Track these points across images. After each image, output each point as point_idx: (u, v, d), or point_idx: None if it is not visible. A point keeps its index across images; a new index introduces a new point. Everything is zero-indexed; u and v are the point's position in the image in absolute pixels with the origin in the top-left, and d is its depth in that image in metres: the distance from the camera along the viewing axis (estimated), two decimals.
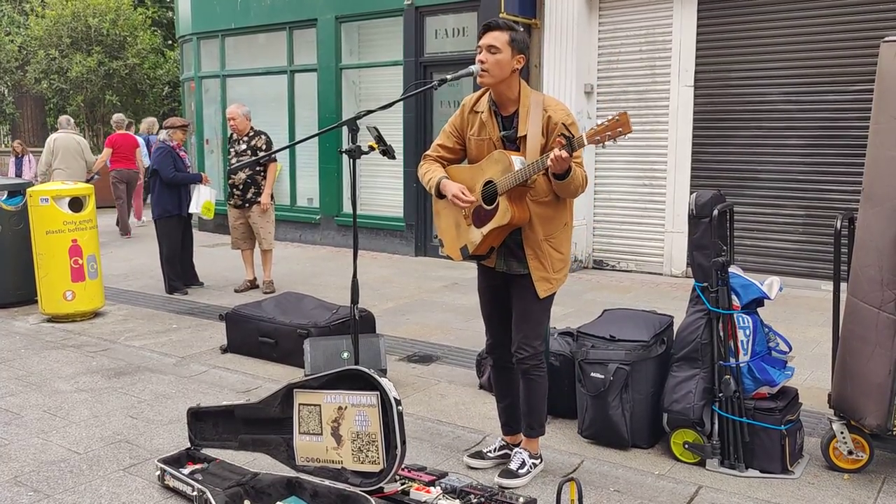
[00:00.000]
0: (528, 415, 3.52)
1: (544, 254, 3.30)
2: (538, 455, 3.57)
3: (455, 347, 5.63)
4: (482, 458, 3.66)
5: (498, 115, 3.33)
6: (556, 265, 3.33)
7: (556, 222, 3.31)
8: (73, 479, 3.56)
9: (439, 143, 3.50)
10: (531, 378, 3.45)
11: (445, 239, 3.50)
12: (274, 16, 11.06)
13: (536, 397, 3.48)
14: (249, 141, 7.47)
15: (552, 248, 3.32)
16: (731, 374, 3.53)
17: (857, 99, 7.16)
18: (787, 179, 7.67)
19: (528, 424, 3.54)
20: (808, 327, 6.11)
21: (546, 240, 3.30)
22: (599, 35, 8.64)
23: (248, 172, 7.42)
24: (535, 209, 3.26)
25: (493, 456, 3.66)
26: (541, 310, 3.41)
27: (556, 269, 3.34)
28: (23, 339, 6.03)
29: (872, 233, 3.38)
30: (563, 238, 3.36)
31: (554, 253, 3.32)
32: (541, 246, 3.29)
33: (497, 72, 3.21)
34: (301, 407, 3.21)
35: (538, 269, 3.31)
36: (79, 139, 10.90)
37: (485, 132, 3.34)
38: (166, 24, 23.31)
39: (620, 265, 8.73)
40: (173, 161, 7.50)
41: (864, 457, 3.51)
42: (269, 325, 5.37)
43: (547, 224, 3.29)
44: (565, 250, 3.38)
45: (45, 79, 19.10)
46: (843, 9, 7.26)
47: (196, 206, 7.66)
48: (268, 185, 7.46)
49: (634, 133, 8.36)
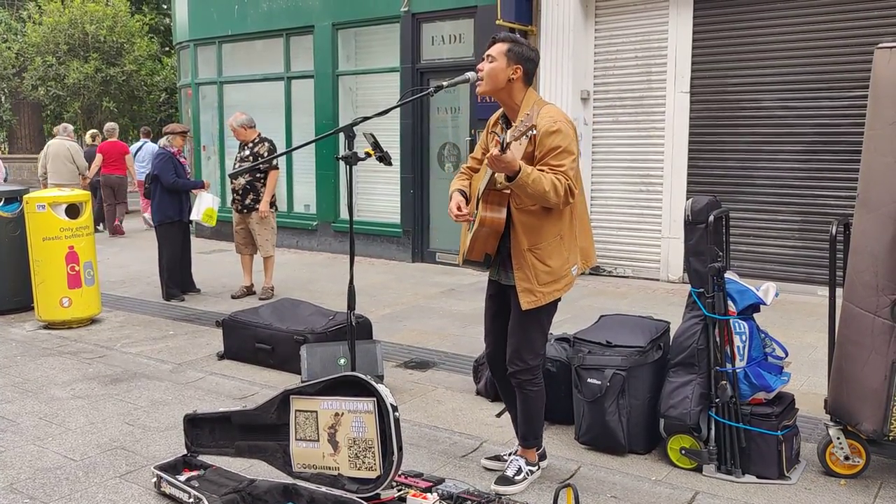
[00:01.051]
0: (524, 426, 3.51)
1: (528, 264, 3.23)
2: (535, 463, 3.56)
3: (452, 353, 5.62)
4: (500, 460, 3.66)
5: (507, 127, 3.38)
6: (541, 277, 3.23)
7: (543, 233, 3.23)
8: (70, 486, 3.55)
9: (472, 155, 3.64)
10: (525, 393, 3.43)
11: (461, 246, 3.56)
12: (271, 22, 11.08)
13: (531, 411, 3.46)
14: (253, 147, 7.50)
15: (536, 260, 3.23)
16: (728, 380, 3.53)
17: (852, 105, 7.19)
18: (783, 185, 7.69)
19: (523, 436, 3.53)
20: (804, 333, 6.12)
21: (530, 250, 3.22)
22: (595, 41, 8.67)
23: (247, 178, 7.43)
24: (518, 217, 3.22)
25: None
26: (532, 323, 3.32)
27: (541, 282, 3.23)
28: (19, 346, 6.02)
29: (868, 238, 3.39)
30: (553, 250, 3.24)
31: (539, 265, 3.23)
32: (524, 256, 3.23)
33: (490, 80, 3.27)
34: (298, 413, 3.21)
35: (522, 280, 3.25)
36: (70, 145, 11.65)
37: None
38: (163, 31, 23.36)
39: (617, 271, 8.74)
40: (174, 167, 7.51)
41: (860, 462, 3.52)
42: (266, 332, 5.37)
43: (532, 234, 3.22)
44: (554, 263, 3.24)
45: (42, 85, 19.11)
46: (837, 15, 7.29)
47: (197, 214, 7.65)
48: (267, 193, 7.46)
49: (631, 139, 8.47)
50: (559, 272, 3.27)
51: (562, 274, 3.28)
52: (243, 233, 7.64)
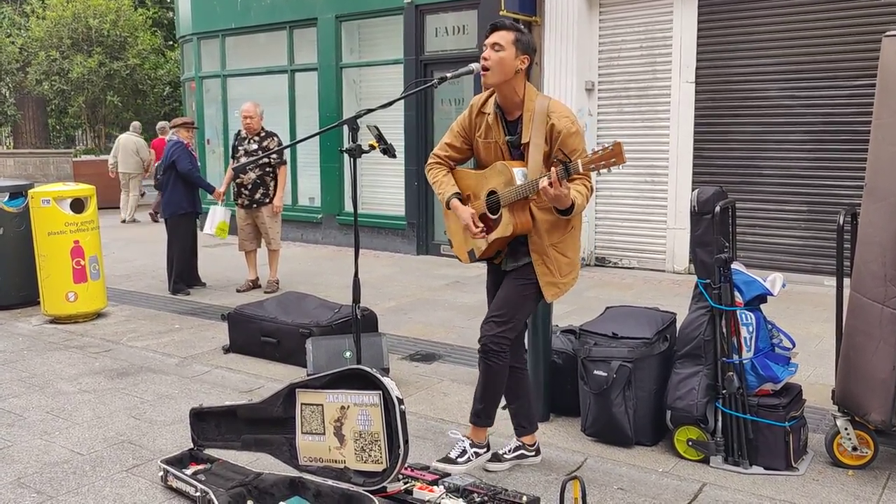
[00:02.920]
0: (479, 401, 3.46)
1: (551, 259, 3.29)
2: (483, 444, 3.54)
3: (458, 346, 5.62)
4: (499, 460, 3.62)
5: (503, 119, 3.32)
6: (563, 269, 3.32)
7: (561, 228, 3.29)
8: (77, 480, 3.56)
9: (447, 141, 3.51)
10: (490, 364, 3.35)
11: (455, 240, 3.56)
12: (274, 15, 11.05)
13: (493, 386, 3.41)
14: (261, 141, 7.45)
15: (559, 254, 3.30)
16: (735, 371, 3.52)
17: (859, 94, 7.14)
18: (790, 175, 7.66)
19: (475, 412, 3.48)
20: (811, 323, 6.10)
21: (552, 245, 3.29)
22: (600, 32, 8.62)
23: (257, 173, 7.39)
24: (540, 216, 3.24)
25: (509, 458, 3.62)
26: (518, 297, 3.32)
27: (563, 274, 3.32)
28: (25, 341, 6.04)
29: (875, 228, 3.37)
30: (570, 242, 3.33)
31: (561, 258, 3.31)
32: (547, 252, 3.28)
33: (499, 70, 3.19)
34: (303, 407, 3.21)
35: (545, 275, 3.30)
36: (136, 140, 13.98)
37: (491, 136, 3.33)
38: (167, 25, 23.35)
39: (623, 262, 8.72)
40: (189, 157, 7.54)
41: (868, 453, 3.50)
42: (272, 325, 5.37)
43: (553, 230, 3.27)
44: (572, 254, 3.35)
45: (46, 80, 19.12)
46: (844, 3, 7.23)
47: (211, 228, 7.55)
48: (280, 188, 7.46)
49: (636, 130, 8.43)
50: (575, 261, 3.38)
51: (577, 262, 3.39)
52: (249, 228, 7.62)
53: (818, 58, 7.39)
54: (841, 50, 7.28)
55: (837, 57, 7.30)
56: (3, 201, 6.87)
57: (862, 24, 7.14)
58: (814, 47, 7.40)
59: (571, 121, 3.20)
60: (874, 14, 7.08)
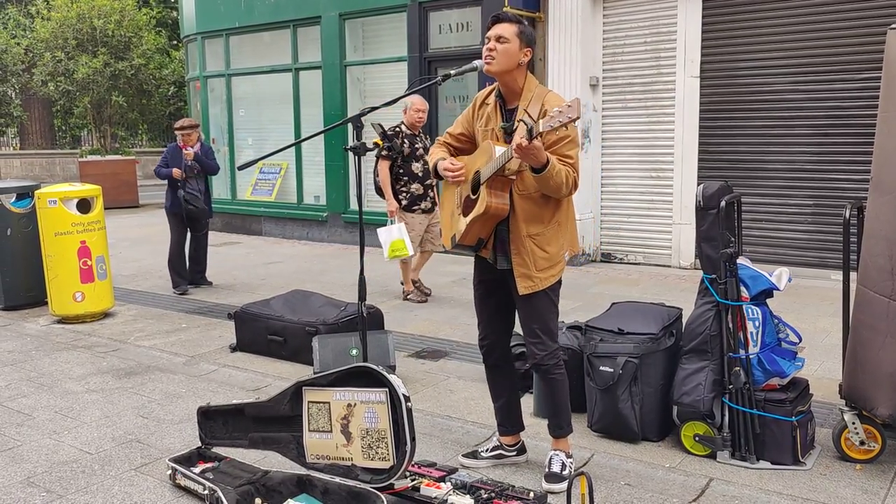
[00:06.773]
0: (555, 415, 3.45)
1: (527, 250, 3.22)
2: (571, 454, 3.50)
3: (464, 343, 5.62)
4: (476, 457, 3.61)
5: (502, 108, 3.33)
6: (539, 263, 3.23)
7: (543, 220, 3.23)
8: (86, 479, 3.58)
9: (449, 130, 3.55)
10: (552, 378, 3.36)
11: (443, 229, 3.53)
12: (278, 14, 11.06)
13: (560, 396, 3.40)
14: (423, 138, 6.86)
15: (536, 246, 3.22)
16: (741, 366, 3.51)
17: (865, 87, 7.11)
18: (795, 169, 7.63)
19: (556, 424, 3.46)
20: (817, 318, 6.08)
21: (530, 237, 3.21)
22: (604, 27, 8.61)
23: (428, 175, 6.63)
24: (520, 203, 3.20)
25: (487, 456, 3.61)
26: (543, 305, 3.30)
27: (539, 268, 3.23)
28: (33, 341, 6.07)
29: (881, 222, 3.36)
30: (553, 237, 3.25)
31: (538, 251, 3.22)
32: (524, 242, 3.22)
33: (504, 60, 3.21)
34: (310, 405, 3.21)
35: (520, 266, 3.23)
36: None
37: (490, 124, 3.35)
38: (171, 25, 23.39)
39: (628, 258, 8.71)
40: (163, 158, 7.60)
41: (876, 447, 3.50)
42: (278, 324, 5.38)
43: (532, 220, 3.21)
44: (552, 250, 3.25)
45: (51, 81, 19.19)
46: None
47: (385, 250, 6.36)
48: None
49: (640, 125, 8.42)
50: (555, 258, 3.28)
51: (557, 260, 3.29)
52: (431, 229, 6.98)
53: (823, 51, 7.37)
54: (846, 43, 7.25)
55: (843, 50, 7.27)
56: (10, 202, 6.90)
57: (867, 17, 7.11)
58: (819, 41, 7.38)
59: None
60: (879, 7, 7.05)
